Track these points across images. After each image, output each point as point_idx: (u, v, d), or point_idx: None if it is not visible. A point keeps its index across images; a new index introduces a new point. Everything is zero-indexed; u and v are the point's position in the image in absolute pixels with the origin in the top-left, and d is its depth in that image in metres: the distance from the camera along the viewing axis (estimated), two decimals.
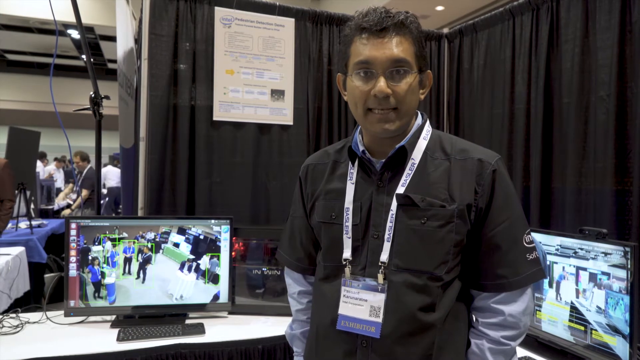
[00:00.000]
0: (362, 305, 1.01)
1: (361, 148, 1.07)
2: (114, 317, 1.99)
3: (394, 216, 1.00)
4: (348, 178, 1.09)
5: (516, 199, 1.03)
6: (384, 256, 1.00)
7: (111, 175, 7.61)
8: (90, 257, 1.94)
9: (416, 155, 1.04)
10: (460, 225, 0.98)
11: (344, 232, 1.05)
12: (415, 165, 1.03)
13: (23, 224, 3.74)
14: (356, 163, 1.08)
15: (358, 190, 1.06)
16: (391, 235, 1.00)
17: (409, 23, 0.99)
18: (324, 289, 1.11)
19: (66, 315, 1.93)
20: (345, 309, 1.03)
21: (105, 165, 8.67)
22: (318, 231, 1.14)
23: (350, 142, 1.11)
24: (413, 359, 0.98)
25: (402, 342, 0.98)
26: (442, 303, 0.99)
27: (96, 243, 1.95)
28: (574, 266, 1.63)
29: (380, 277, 1.00)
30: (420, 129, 1.07)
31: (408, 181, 1.02)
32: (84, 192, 5.91)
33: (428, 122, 1.10)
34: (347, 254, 1.05)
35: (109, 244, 1.96)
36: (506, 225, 0.99)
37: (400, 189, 1.01)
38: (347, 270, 1.04)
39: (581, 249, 1.61)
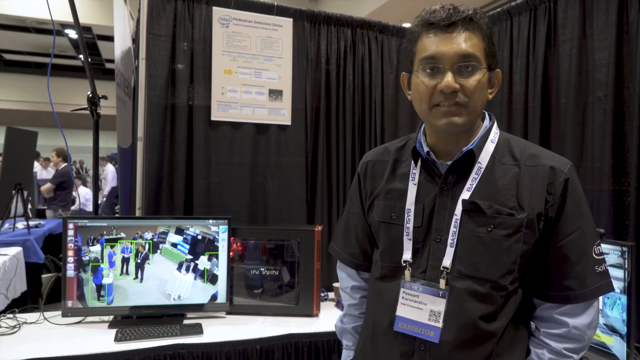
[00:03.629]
0: (421, 308, 1.00)
1: (425, 149, 1.04)
2: (111, 317, 1.98)
3: (458, 221, 0.98)
4: (410, 178, 1.06)
5: (587, 209, 0.99)
6: (447, 261, 0.98)
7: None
8: (91, 258, 1.93)
9: (483, 159, 1.00)
10: (528, 235, 0.95)
11: (405, 233, 1.04)
12: (482, 170, 1.00)
13: (20, 224, 3.73)
14: (419, 163, 1.06)
15: (421, 192, 1.04)
16: (455, 240, 0.98)
17: (478, 19, 0.96)
18: (381, 288, 1.10)
19: (64, 315, 1.93)
20: (404, 310, 1.02)
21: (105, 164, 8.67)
22: (377, 230, 1.12)
23: (414, 141, 1.08)
24: None
25: (461, 349, 0.97)
26: (503, 312, 0.97)
27: (91, 244, 1.95)
28: None
29: (442, 282, 0.98)
30: (489, 131, 1.03)
31: (474, 186, 0.99)
32: (46, 185, 5.83)
33: (496, 123, 1.07)
34: (407, 255, 1.04)
35: (106, 247, 1.95)
36: (576, 235, 0.96)
37: (466, 194, 0.98)
38: (407, 272, 1.03)
39: None
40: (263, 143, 2.46)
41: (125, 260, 1.98)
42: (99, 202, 4.38)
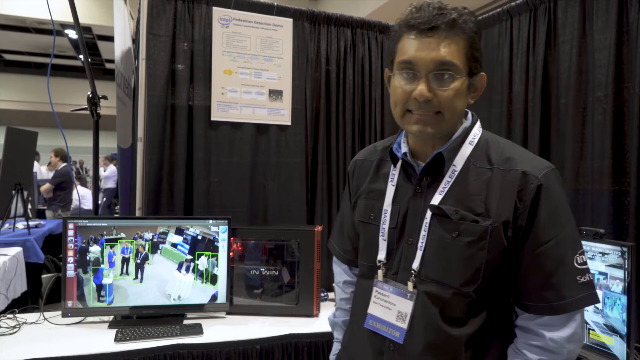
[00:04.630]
0: (390, 308, 1.01)
1: (403, 150, 1.03)
2: (111, 317, 1.98)
3: (427, 225, 0.97)
4: (389, 179, 1.06)
5: (567, 216, 0.93)
6: (415, 264, 0.98)
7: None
8: (92, 259, 1.93)
9: (458, 162, 0.97)
10: (493, 243, 0.92)
11: (380, 234, 1.04)
12: (457, 173, 0.97)
13: (20, 225, 3.73)
14: (398, 165, 1.05)
15: (398, 193, 1.04)
16: (424, 244, 0.97)
17: (462, 22, 0.91)
18: (361, 286, 1.12)
19: (64, 315, 1.93)
20: (375, 309, 1.04)
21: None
22: (358, 229, 1.14)
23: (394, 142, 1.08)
24: None
25: (427, 352, 0.96)
26: (472, 318, 0.94)
27: (91, 244, 1.95)
28: None
29: (410, 284, 0.98)
30: (467, 132, 1.00)
31: (447, 189, 0.96)
32: (45, 186, 5.83)
33: (478, 124, 1.03)
34: (381, 255, 1.04)
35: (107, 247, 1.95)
36: (552, 244, 0.91)
37: (438, 197, 0.97)
38: (380, 272, 1.04)
39: None
40: (263, 143, 2.46)
41: (125, 261, 1.98)
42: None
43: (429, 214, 0.97)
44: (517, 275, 0.94)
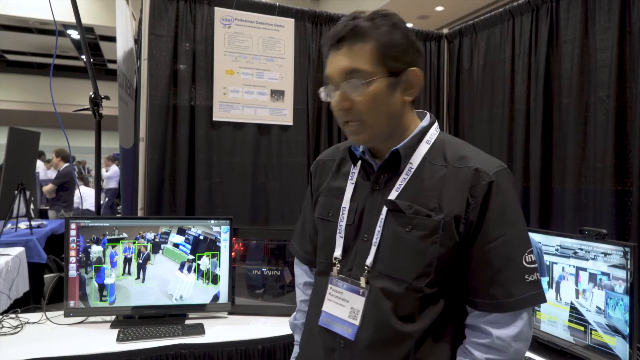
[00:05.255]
0: (343, 305, 1.01)
1: (361, 148, 1.04)
2: (113, 317, 1.99)
3: (382, 221, 0.98)
4: (349, 177, 1.07)
5: (516, 215, 0.95)
6: (369, 260, 0.98)
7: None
8: (94, 258, 1.94)
9: (415, 160, 0.99)
10: (445, 237, 0.93)
11: (338, 231, 1.05)
12: (413, 170, 0.98)
13: (23, 225, 3.73)
14: (358, 164, 1.06)
15: (357, 191, 1.05)
16: (378, 239, 0.98)
17: (369, 27, 0.92)
18: (317, 284, 1.12)
19: (66, 315, 1.93)
20: (328, 306, 1.03)
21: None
22: (317, 226, 1.14)
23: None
24: None
25: (376, 348, 0.95)
26: (423, 315, 0.94)
27: (94, 243, 1.95)
28: (574, 266, 1.63)
29: (362, 280, 0.98)
30: (424, 131, 1.01)
31: (403, 186, 0.98)
32: (48, 186, 5.84)
33: (436, 125, 1.04)
34: (337, 252, 1.04)
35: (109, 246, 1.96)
36: (500, 242, 0.92)
37: (394, 194, 0.98)
38: (335, 269, 1.04)
39: (581, 249, 1.61)
40: (265, 143, 2.46)
41: (127, 261, 1.98)
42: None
43: (384, 210, 0.98)
44: (467, 271, 0.95)
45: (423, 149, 1.00)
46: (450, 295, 0.96)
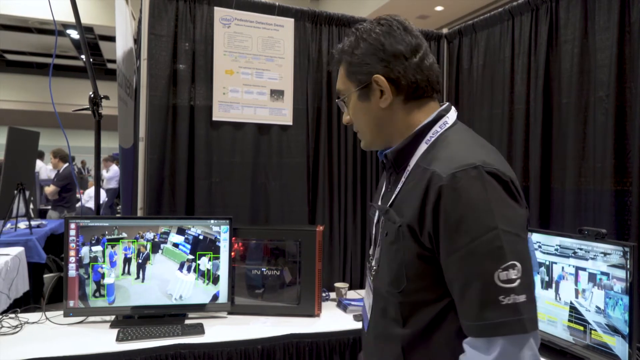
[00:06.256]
0: (368, 299, 1.07)
1: (386, 151, 1.03)
2: (113, 317, 1.99)
3: (382, 224, 1.00)
4: (384, 177, 1.11)
5: (478, 222, 0.80)
6: (375, 261, 1.02)
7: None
8: (91, 256, 1.94)
9: (412, 162, 0.95)
10: (405, 245, 0.88)
11: (372, 227, 1.09)
12: (408, 173, 0.95)
13: (22, 224, 3.73)
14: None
15: (384, 191, 1.06)
16: (380, 241, 1.01)
17: (338, 51, 1.02)
18: None
19: (65, 315, 1.93)
20: (365, 298, 1.11)
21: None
22: None
23: None
24: (386, 358, 0.98)
25: (378, 341, 1.01)
26: (412, 320, 0.90)
27: (93, 243, 1.95)
28: (573, 266, 1.63)
29: (370, 279, 1.04)
30: (424, 131, 0.95)
31: (399, 189, 0.96)
32: (50, 188, 5.83)
33: (442, 122, 0.96)
34: (371, 249, 1.09)
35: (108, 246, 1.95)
36: (459, 255, 0.81)
37: (393, 197, 0.97)
38: (368, 264, 1.09)
39: (580, 249, 1.61)
40: (264, 143, 2.46)
41: (127, 260, 1.98)
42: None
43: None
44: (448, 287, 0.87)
45: (421, 149, 0.95)
46: (446, 308, 0.88)
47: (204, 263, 2.04)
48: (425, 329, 0.90)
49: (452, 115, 0.98)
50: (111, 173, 8.43)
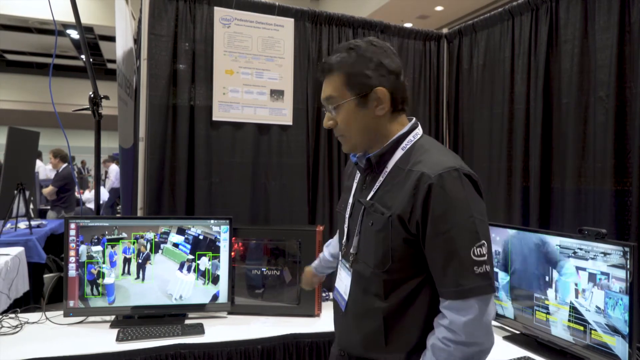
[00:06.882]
0: (343, 282, 1.25)
1: (358, 154, 1.23)
2: (113, 317, 1.99)
3: (361, 215, 1.18)
4: (355, 178, 1.28)
5: (460, 212, 1.03)
6: (354, 248, 1.19)
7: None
8: (88, 254, 1.94)
9: (390, 164, 1.15)
10: (394, 232, 1.08)
11: (344, 221, 1.27)
12: (386, 174, 1.15)
13: (22, 224, 3.73)
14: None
15: (356, 189, 1.26)
16: (359, 231, 1.18)
17: (335, 62, 1.14)
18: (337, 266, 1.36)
19: (65, 315, 1.93)
20: (337, 282, 1.30)
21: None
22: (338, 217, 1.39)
23: None
24: (364, 333, 1.15)
25: (357, 319, 1.18)
26: (392, 295, 1.11)
27: (94, 243, 1.95)
28: (574, 266, 1.63)
29: (348, 264, 1.22)
30: (401, 139, 1.16)
31: (378, 187, 1.15)
32: (49, 188, 5.83)
33: (415, 132, 1.18)
34: (343, 239, 1.27)
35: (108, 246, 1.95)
36: (444, 238, 1.02)
37: (371, 194, 1.16)
38: (341, 253, 1.29)
39: (580, 249, 1.61)
40: (264, 143, 2.46)
41: (127, 260, 1.98)
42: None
43: (362, 206, 1.18)
44: (428, 263, 1.08)
45: (398, 154, 1.15)
46: (422, 280, 1.10)
47: (204, 263, 2.04)
48: (404, 301, 1.11)
49: (420, 129, 1.20)
50: (113, 177, 8.43)
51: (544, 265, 1.74)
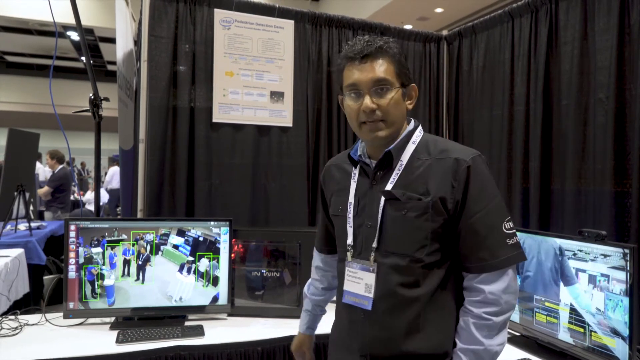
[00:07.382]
0: (359, 282, 1.21)
1: (359, 153, 1.26)
2: (113, 319, 1.99)
3: (382, 208, 1.18)
4: (352, 178, 1.28)
5: (492, 191, 1.15)
6: (375, 242, 1.19)
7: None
8: (85, 257, 1.94)
9: (404, 157, 1.20)
10: (435, 215, 1.13)
11: (347, 222, 1.26)
12: (403, 166, 1.19)
13: (22, 226, 3.73)
14: (358, 165, 1.27)
15: (358, 188, 1.26)
16: (380, 224, 1.18)
17: (387, 47, 1.17)
18: (339, 270, 1.33)
19: (65, 317, 1.93)
20: (348, 285, 1.24)
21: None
22: (333, 222, 1.36)
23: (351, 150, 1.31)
24: (401, 326, 1.15)
25: (388, 313, 1.16)
26: (426, 281, 1.14)
27: (94, 244, 1.95)
28: (574, 268, 1.63)
29: (371, 259, 1.19)
30: (410, 134, 1.23)
31: (396, 179, 1.18)
32: (44, 189, 5.82)
33: (420, 128, 1.26)
34: (349, 240, 1.25)
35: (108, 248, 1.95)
36: (483, 213, 1.12)
37: (389, 186, 1.18)
38: (349, 253, 1.25)
39: (580, 250, 1.61)
40: (264, 145, 2.46)
41: (127, 262, 1.98)
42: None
43: (382, 200, 1.18)
44: (460, 241, 1.14)
45: (410, 148, 1.21)
46: (449, 264, 1.16)
47: (204, 265, 2.04)
48: (438, 286, 1.15)
49: (420, 126, 1.28)
50: (114, 181, 8.44)
51: (544, 265, 1.74)
